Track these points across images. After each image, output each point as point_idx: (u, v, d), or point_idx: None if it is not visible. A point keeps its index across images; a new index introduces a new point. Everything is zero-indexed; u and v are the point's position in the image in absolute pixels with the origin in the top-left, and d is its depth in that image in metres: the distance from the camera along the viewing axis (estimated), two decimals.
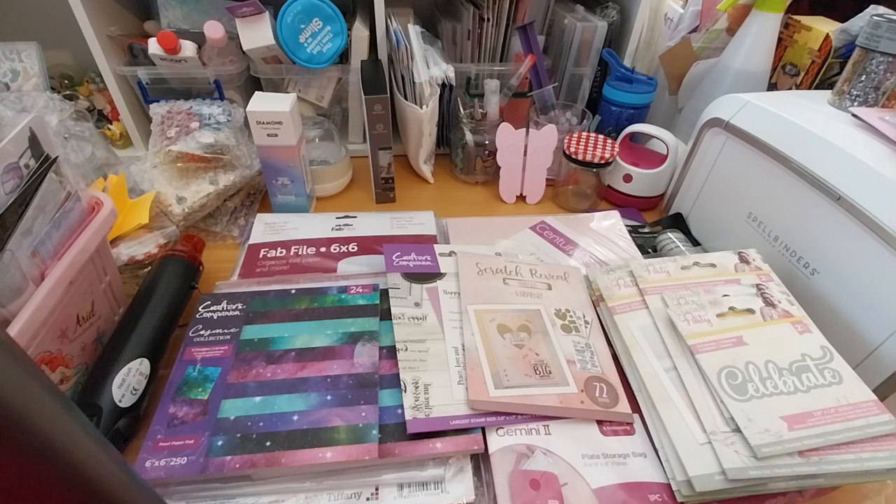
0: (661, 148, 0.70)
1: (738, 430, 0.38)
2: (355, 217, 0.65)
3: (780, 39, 0.67)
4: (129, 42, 0.71)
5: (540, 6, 0.81)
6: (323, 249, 0.59)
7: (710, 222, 0.63)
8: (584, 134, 0.70)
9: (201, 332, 0.46)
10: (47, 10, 0.80)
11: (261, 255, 0.58)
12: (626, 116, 0.75)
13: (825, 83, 0.67)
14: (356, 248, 0.60)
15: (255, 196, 0.70)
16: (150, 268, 0.53)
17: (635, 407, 0.43)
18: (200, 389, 0.42)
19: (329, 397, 0.41)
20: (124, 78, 0.73)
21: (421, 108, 0.67)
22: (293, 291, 0.51)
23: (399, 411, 0.41)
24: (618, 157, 0.69)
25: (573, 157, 0.67)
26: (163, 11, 0.73)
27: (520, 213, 0.71)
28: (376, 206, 0.73)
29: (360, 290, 0.51)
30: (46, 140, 0.39)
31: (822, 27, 0.66)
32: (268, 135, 0.61)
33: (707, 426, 0.39)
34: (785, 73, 0.72)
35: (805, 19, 0.69)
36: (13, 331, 0.34)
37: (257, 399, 0.41)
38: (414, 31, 0.68)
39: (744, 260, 0.51)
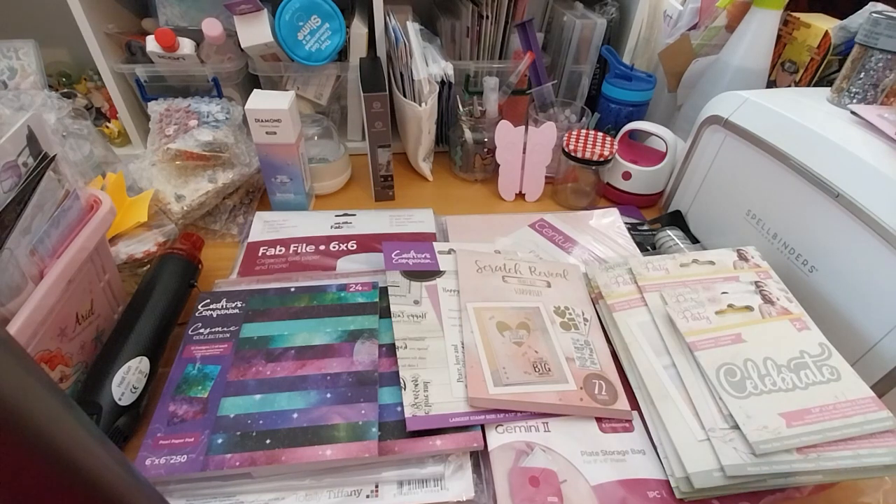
0: (660, 145, 0.70)
1: (736, 426, 0.38)
2: (354, 215, 0.65)
3: (779, 36, 0.67)
4: (127, 40, 0.71)
5: (539, 3, 0.81)
6: (322, 247, 0.59)
7: (709, 220, 0.63)
8: (584, 131, 0.70)
9: (201, 331, 0.46)
10: (45, 8, 0.80)
11: (260, 254, 0.58)
12: (626, 114, 0.75)
13: (824, 80, 0.67)
14: (355, 246, 0.60)
15: (254, 194, 0.70)
16: (149, 266, 0.53)
17: (634, 404, 0.43)
18: (200, 387, 0.42)
19: (329, 395, 0.41)
20: (122, 76, 0.73)
21: (420, 105, 0.67)
22: (292, 289, 0.51)
23: (399, 409, 0.41)
24: (617, 155, 0.69)
25: (572, 154, 0.67)
26: (161, 9, 0.73)
27: (519, 211, 0.71)
28: (375, 204, 0.72)
29: (360, 288, 0.51)
30: (44, 138, 0.39)
31: (821, 24, 0.66)
32: (266, 133, 0.60)
33: (706, 423, 0.39)
34: (784, 70, 0.72)
35: (804, 16, 0.69)
36: (12, 329, 0.34)
37: (257, 397, 0.41)
38: (413, 28, 0.68)
39: (742, 257, 0.51)
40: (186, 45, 0.68)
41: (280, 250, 0.59)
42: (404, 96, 0.69)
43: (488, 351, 0.45)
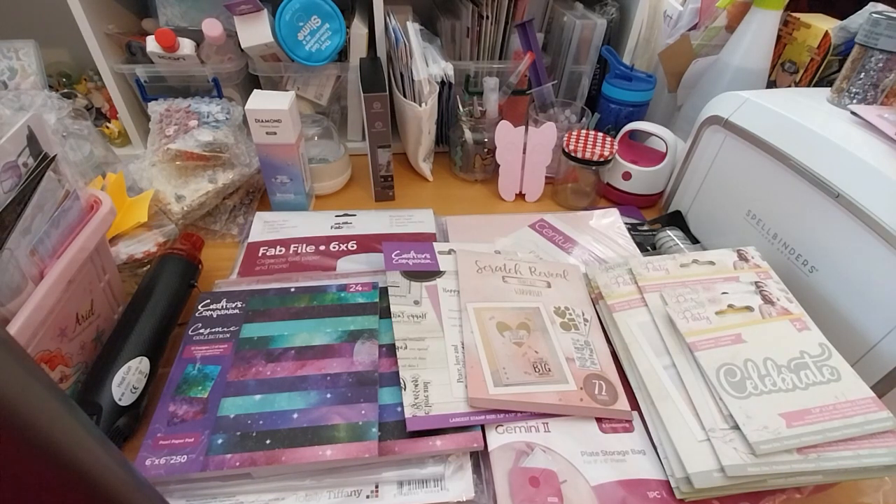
0: (660, 146, 0.70)
1: (736, 427, 0.38)
2: (354, 215, 0.65)
3: (779, 37, 0.67)
4: (128, 40, 0.71)
5: (539, 3, 0.81)
6: (322, 248, 0.59)
7: (709, 220, 0.63)
8: (584, 132, 0.70)
9: (201, 331, 0.46)
10: (45, 8, 0.80)
11: (260, 254, 0.58)
12: (626, 114, 0.75)
13: (824, 80, 0.67)
14: (355, 247, 0.60)
15: (254, 194, 0.70)
16: (149, 266, 0.53)
17: (634, 404, 0.43)
18: (200, 388, 0.42)
19: (329, 395, 0.41)
20: (122, 76, 0.73)
21: (420, 105, 0.67)
22: (292, 290, 0.51)
23: (399, 409, 0.41)
24: (617, 155, 0.69)
25: (572, 154, 0.67)
26: (161, 9, 0.73)
27: (519, 211, 0.71)
28: (375, 205, 0.73)
29: (360, 289, 0.51)
30: (45, 138, 0.39)
31: (821, 24, 0.66)
32: (266, 133, 0.60)
33: (706, 423, 0.39)
34: (784, 70, 0.72)
35: (804, 17, 0.69)
36: (13, 329, 0.34)
37: (257, 397, 0.41)
38: (413, 28, 0.68)
39: (742, 258, 0.51)
40: (186, 46, 0.68)
41: (280, 250, 0.59)
42: (404, 96, 0.69)
43: (488, 351, 0.45)
